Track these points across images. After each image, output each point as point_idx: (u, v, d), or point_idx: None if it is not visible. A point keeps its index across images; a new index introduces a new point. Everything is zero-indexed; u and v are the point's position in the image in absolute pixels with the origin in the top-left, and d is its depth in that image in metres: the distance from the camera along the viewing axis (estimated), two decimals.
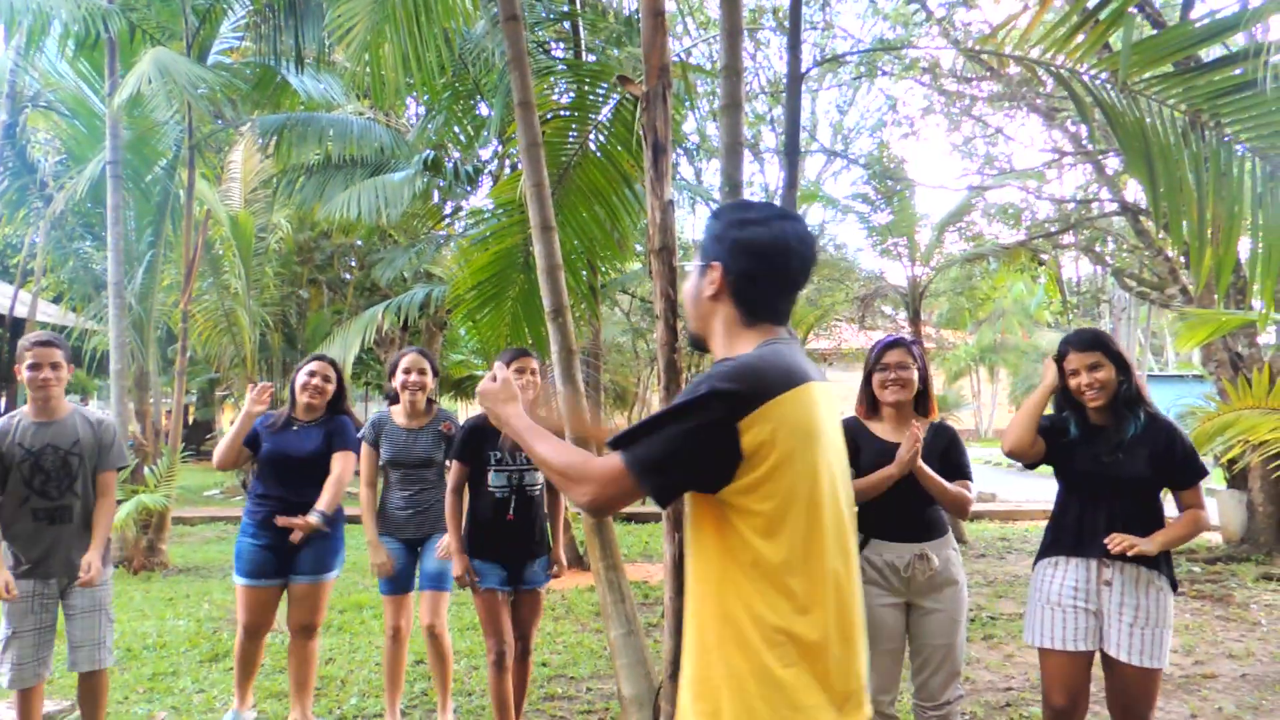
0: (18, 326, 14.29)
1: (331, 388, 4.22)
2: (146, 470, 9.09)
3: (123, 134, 8.95)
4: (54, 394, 3.62)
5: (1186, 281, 10.47)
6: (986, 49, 6.61)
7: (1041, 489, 16.36)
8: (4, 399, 14.82)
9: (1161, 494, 3.15)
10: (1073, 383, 3.16)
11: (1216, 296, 8.45)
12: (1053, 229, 13.41)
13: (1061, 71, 3.98)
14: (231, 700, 4.48)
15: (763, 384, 1.60)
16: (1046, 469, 3.27)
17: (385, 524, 4.21)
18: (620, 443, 1.61)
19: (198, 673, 5.30)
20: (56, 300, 14.47)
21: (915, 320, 11.91)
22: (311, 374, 4.18)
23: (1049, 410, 3.29)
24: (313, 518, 3.93)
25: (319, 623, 4.24)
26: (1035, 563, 3.32)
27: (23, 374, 3.58)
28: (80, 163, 10.28)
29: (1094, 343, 3.16)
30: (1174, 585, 3.08)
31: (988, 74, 12.01)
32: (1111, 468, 3.09)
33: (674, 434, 1.58)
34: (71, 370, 3.71)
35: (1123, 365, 3.12)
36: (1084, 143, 11.61)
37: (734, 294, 1.74)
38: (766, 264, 1.74)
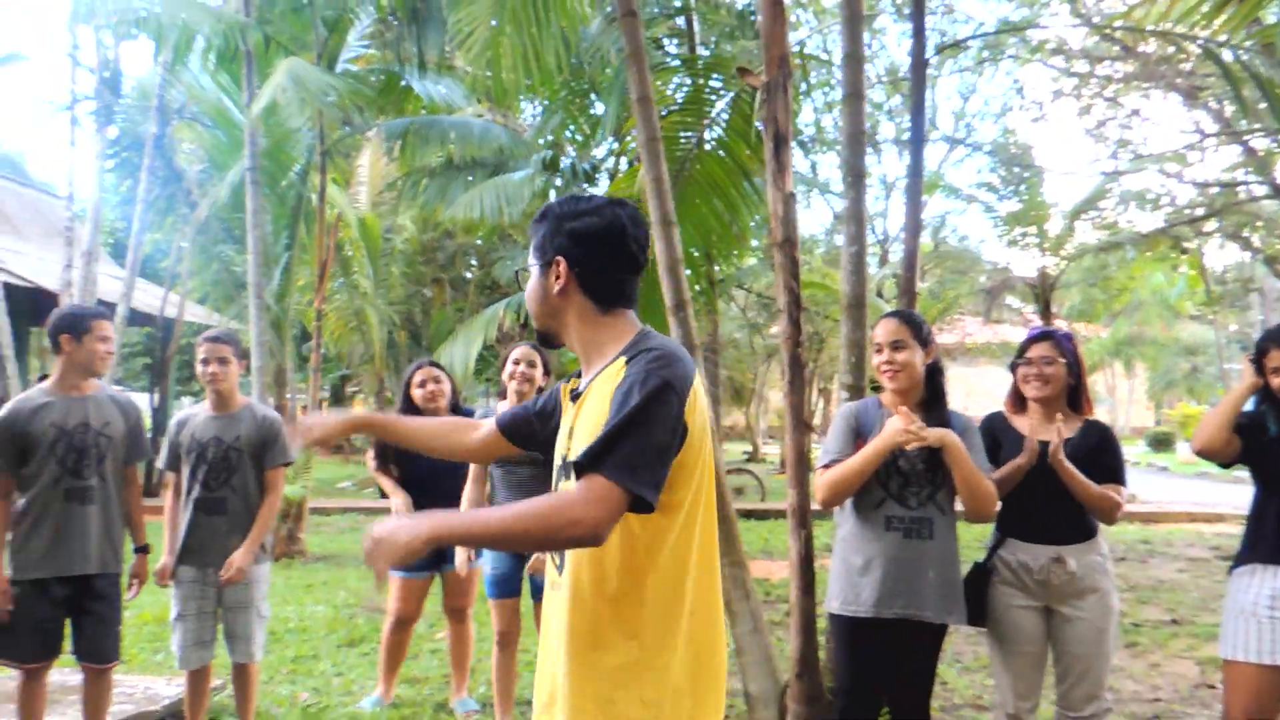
0: (168, 327, 15.18)
1: (445, 388, 4.28)
2: None
3: (260, 142, 9.38)
4: (222, 388, 3.77)
5: None
6: (1127, 26, 6.27)
7: (1185, 490, 15.52)
8: (158, 395, 15.75)
9: None
10: (1275, 381, 2.94)
11: None
12: (1196, 215, 12.66)
13: (1211, 46, 3.73)
14: (371, 686, 4.66)
15: (689, 371, 1.68)
16: (1188, 468, 3.07)
17: None
18: (593, 462, 1.54)
19: (336, 656, 5.52)
20: (201, 301, 15.33)
21: (1046, 313, 11.43)
22: (422, 384, 4.24)
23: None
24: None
25: (469, 605, 4.46)
26: (1231, 570, 3.11)
27: (199, 368, 3.78)
28: (222, 170, 10.85)
29: None
30: None
31: (1122, 53, 11.41)
32: None
33: (649, 433, 1.57)
34: (243, 367, 3.88)
35: None
36: (1230, 122, 10.91)
37: (582, 285, 1.76)
38: (607, 249, 1.76)
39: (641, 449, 1.56)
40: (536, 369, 4.11)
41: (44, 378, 3.61)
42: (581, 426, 1.72)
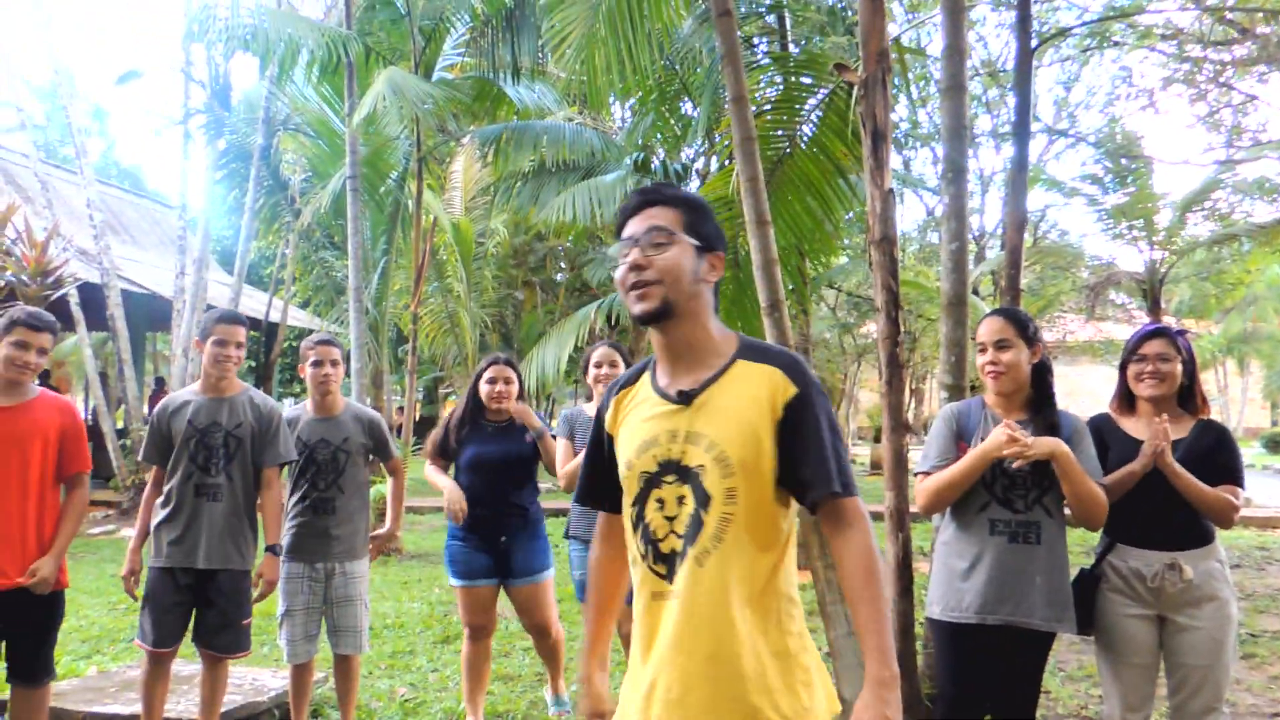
0: (272, 331, 15.77)
1: (514, 389, 4.15)
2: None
3: (360, 150, 9.68)
4: (332, 390, 3.94)
5: None
6: (1245, 8, 5.98)
7: None
8: None
9: None
10: None
11: None
12: None
13: None
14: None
15: None
16: None
17: (576, 526, 4.10)
18: (849, 489, 1.71)
19: (432, 653, 5.64)
20: (303, 306, 15.87)
21: (1155, 309, 10.99)
22: (492, 380, 4.10)
23: None
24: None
25: (551, 620, 4.19)
26: None
27: (306, 371, 3.92)
28: (323, 179, 11.23)
29: None
30: None
31: (1238, 36, 10.88)
32: None
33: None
34: (344, 370, 4.03)
35: None
36: None
37: (715, 284, 1.86)
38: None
39: (845, 456, 1.75)
40: (619, 368, 4.09)
41: (160, 381, 3.80)
42: (714, 428, 1.72)
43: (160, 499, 3.65)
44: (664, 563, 1.74)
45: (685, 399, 1.77)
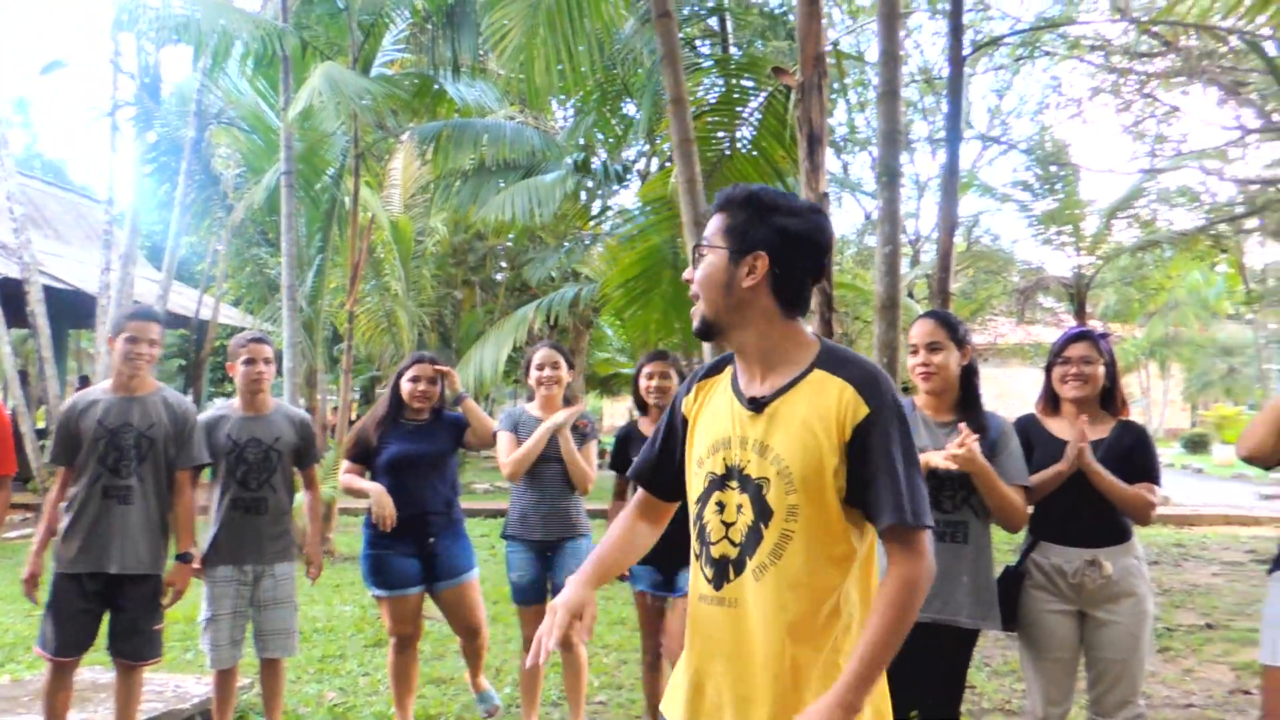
0: (202, 329, 15.40)
1: (437, 390, 4.09)
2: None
3: (295, 146, 9.49)
4: (264, 389, 3.87)
5: None
6: (1169, 20, 6.18)
7: (1221, 493, 15.26)
8: (192, 396, 15.97)
9: None
10: None
11: None
12: (1236, 213, 12.45)
13: (1256, 39, 3.67)
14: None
15: None
16: (1224, 470, 3.00)
17: (514, 526, 4.05)
18: (919, 519, 1.62)
19: (363, 656, 5.57)
20: (235, 304, 15.52)
21: (1081, 313, 11.29)
22: (414, 380, 4.02)
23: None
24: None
25: (481, 621, 4.16)
26: (1270, 573, 3.05)
27: (237, 369, 3.81)
28: (257, 174, 10.99)
29: None
30: None
31: (1162, 49, 11.25)
32: None
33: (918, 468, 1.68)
34: (275, 370, 3.94)
35: None
36: (1273, 117, 10.72)
37: (774, 285, 1.70)
38: (807, 254, 1.71)
39: (923, 488, 1.65)
40: (561, 369, 4.08)
41: (84, 379, 3.67)
42: (781, 440, 1.67)
43: (65, 503, 3.53)
44: (713, 567, 1.75)
45: (756, 407, 1.71)
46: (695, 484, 1.81)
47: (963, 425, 2.75)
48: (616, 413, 31.94)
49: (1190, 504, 13.74)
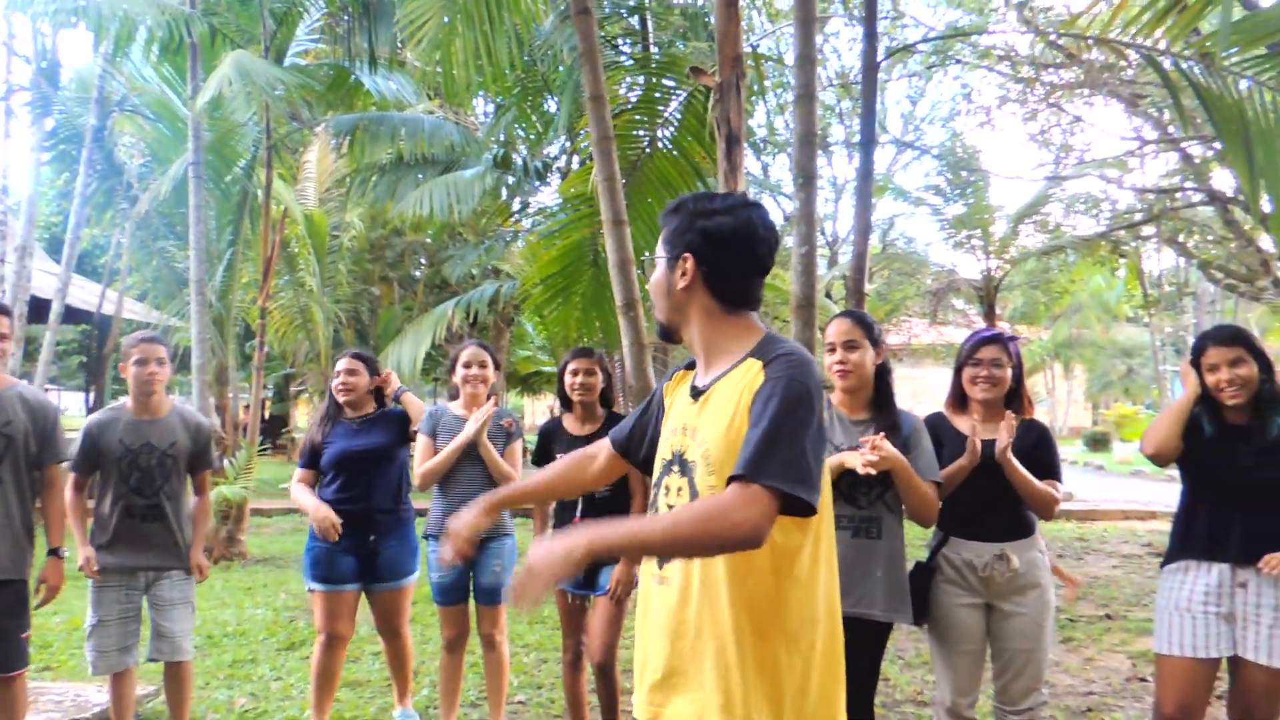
0: (105, 324, 14.82)
1: (360, 380, 4.06)
2: (226, 463, 9.33)
3: (204, 136, 9.20)
4: (157, 390, 3.70)
5: (1279, 273, 10.05)
6: (1072, 33, 6.41)
7: (1120, 488, 15.91)
8: (92, 394, 15.36)
9: None
10: (1210, 379, 3.00)
11: None
12: (1135, 220, 12.98)
13: (1153, 54, 3.83)
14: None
15: (820, 378, 1.70)
16: (1123, 467, 3.13)
17: (436, 526, 3.98)
18: (752, 470, 1.54)
19: (275, 660, 5.42)
20: (140, 298, 14.96)
21: (990, 315, 11.62)
22: (337, 374, 4.04)
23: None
24: None
25: (403, 624, 4.16)
26: (1163, 566, 3.18)
27: (129, 370, 3.65)
28: (164, 164, 10.62)
29: (1236, 338, 3.01)
30: None
31: (1066, 60, 11.66)
32: (1248, 471, 2.93)
33: (798, 436, 1.59)
34: (171, 369, 3.79)
35: (1265, 363, 2.96)
36: (1169, 129, 11.20)
37: (708, 284, 1.77)
38: (737, 250, 1.76)
39: (796, 453, 1.57)
40: (488, 369, 4.06)
41: None
42: (706, 425, 1.73)
43: None
44: None
45: (695, 395, 1.80)
46: (655, 471, 1.89)
47: (867, 439, 2.79)
48: (538, 410, 31.75)
49: (1092, 499, 14.29)
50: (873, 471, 2.72)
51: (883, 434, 2.79)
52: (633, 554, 1.63)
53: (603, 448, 2.10)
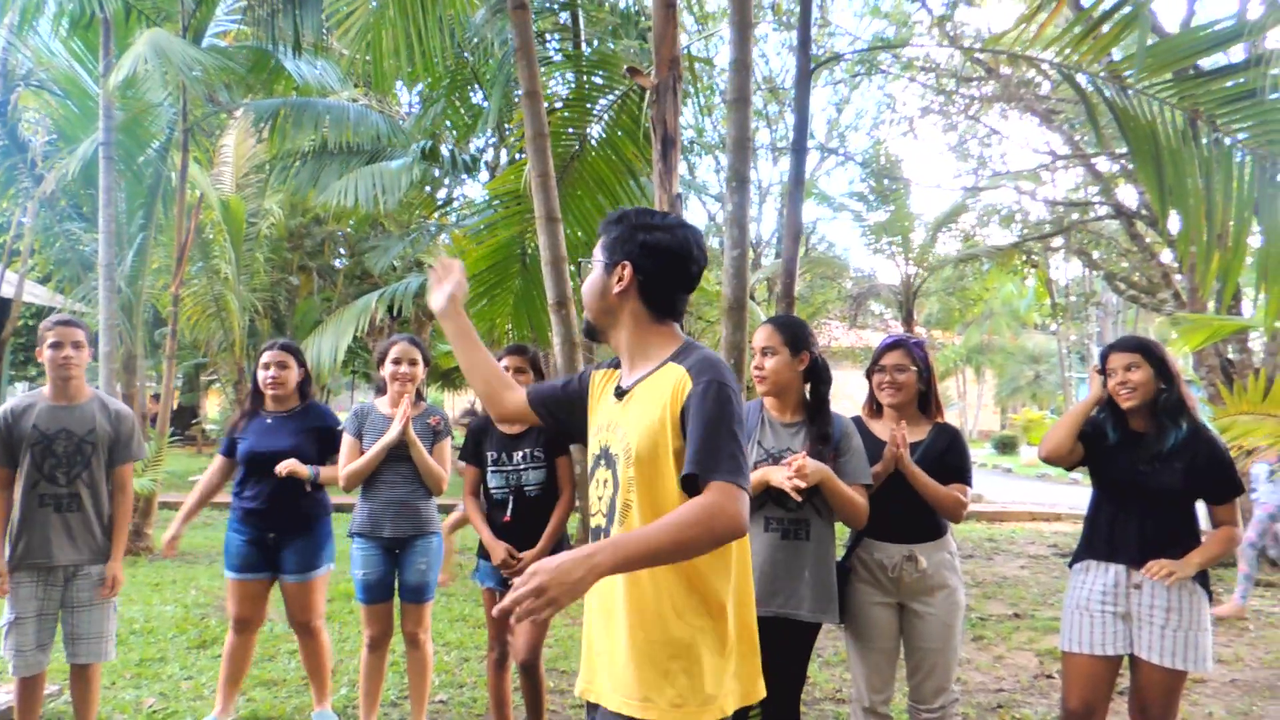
0: (4, 307, 14.14)
1: (291, 375, 4.02)
2: None
3: (116, 115, 8.84)
4: (74, 375, 3.54)
5: (1179, 286, 10.52)
6: (994, 49, 6.60)
7: (1027, 491, 16.44)
8: None
9: (1196, 505, 3.13)
10: (1110, 383, 3.15)
11: (1210, 302, 8.49)
12: (1046, 231, 13.44)
13: (1072, 74, 3.97)
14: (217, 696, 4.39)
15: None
16: (1030, 470, 3.25)
17: (361, 524, 3.95)
18: (708, 471, 1.71)
19: (186, 659, 5.26)
20: (43, 281, 14.32)
21: (909, 320, 11.90)
22: (265, 366, 4.00)
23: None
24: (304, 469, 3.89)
25: (315, 618, 4.10)
26: (1070, 566, 3.31)
27: (44, 354, 3.50)
28: (71, 143, 10.16)
29: (1135, 346, 3.15)
30: (1208, 589, 3.06)
31: (985, 75, 12.02)
32: (1146, 477, 3.07)
33: (740, 433, 1.77)
34: (90, 354, 3.65)
35: (1165, 373, 3.09)
36: (1079, 144, 11.64)
37: (641, 292, 1.93)
38: (671, 265, 1.93)
39: (736, 448, 1.74)
40: (417, 365, 4.01)
41: None
42: (629, 422, 1.89)
43: None
44: (592, 535, 1.96)
45: (620, 394, 1.96)
46: (589, 465, 2.03)
47: (790, 459, 2.83)
48: (458, 406, 31.40)
49: (1000, 501, 14.74)
50: (798, 497, 2.77)
51: (804, 454, 2.83)
52: (645, 564, 1.70)
53: (519, 391, 2.23)
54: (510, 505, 3.71)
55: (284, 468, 3.84)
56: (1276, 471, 7.02)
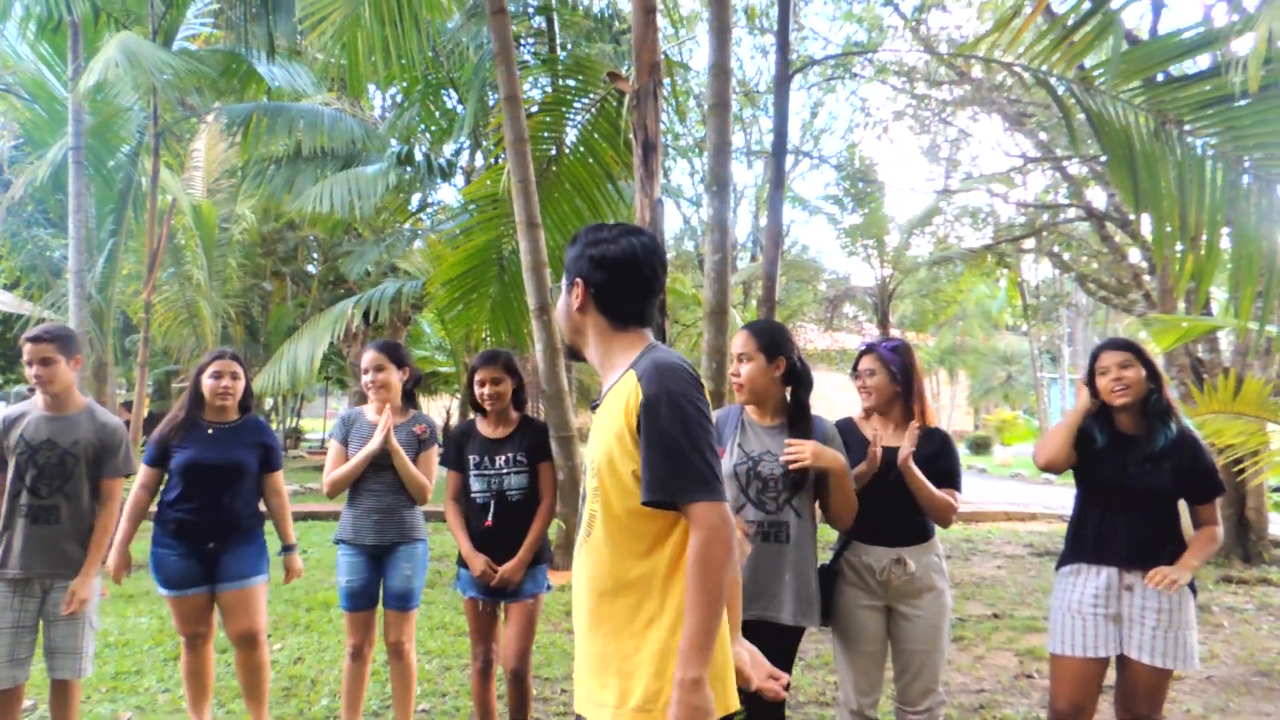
0: None
1: (240, 386, 3.92)
2: None
3: (85, 119, 8.73)
4: (53, 389, 3.49)
5: (1149, 286, 10.65)
6: (969, 55, 6.66)
7: (1001, 490, 16.58)
8: None
9: (1179, 505, 3.17)
10: (1101, 383, 3.18)
11: (1180, 303, 8.60)
12: (1018, 233, 13.57)
13: (1046, 79, 4.01)
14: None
15: (690, 373, 1.88)
16: (1003, 470, 3.27)
17: (346, 531, 3.92)
18: (678, 494, 1.76)
19: (162, 671, 5.18)
20: (10, 287, 14.12)
21: (884, 322, 11.95)
22: (218, 375, 3.85)
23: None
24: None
25: (259, 629, 3.91)
26: (1057, 569, 3.33)
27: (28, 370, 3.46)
28: (39, 147, 10.03)
29: (1126, 346, 3.21)
30: (1193, 587, 3.11)
31: (957, 78, 12.12)
32: (1136, 478, 3.11)
33: (699, 443, 1.78)
34: (78, 363, 3.57)
35: (1154, 374, 3.14)
36: (1049, 147, 11.76)
37: (598, 304, 1.98)
38: (620, 274, 1.96)
39: (700, 461, 1.77)
40: (386, 371, 3.94)
41: None
42: (595, 433, 1.94)
43: None
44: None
45: (594, 407, 2.03)
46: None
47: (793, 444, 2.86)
48: (433, 411, 31.22)
49: (976, 501, 14.82)
50: (799, 466, 2.80)
51: (780, 433, 2.88)
52: (710, 636, 1.75)
53: None
54: (491, 509, 3.69)
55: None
56: None
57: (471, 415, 3.93)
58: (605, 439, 1.87)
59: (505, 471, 3.71)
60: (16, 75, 10.13)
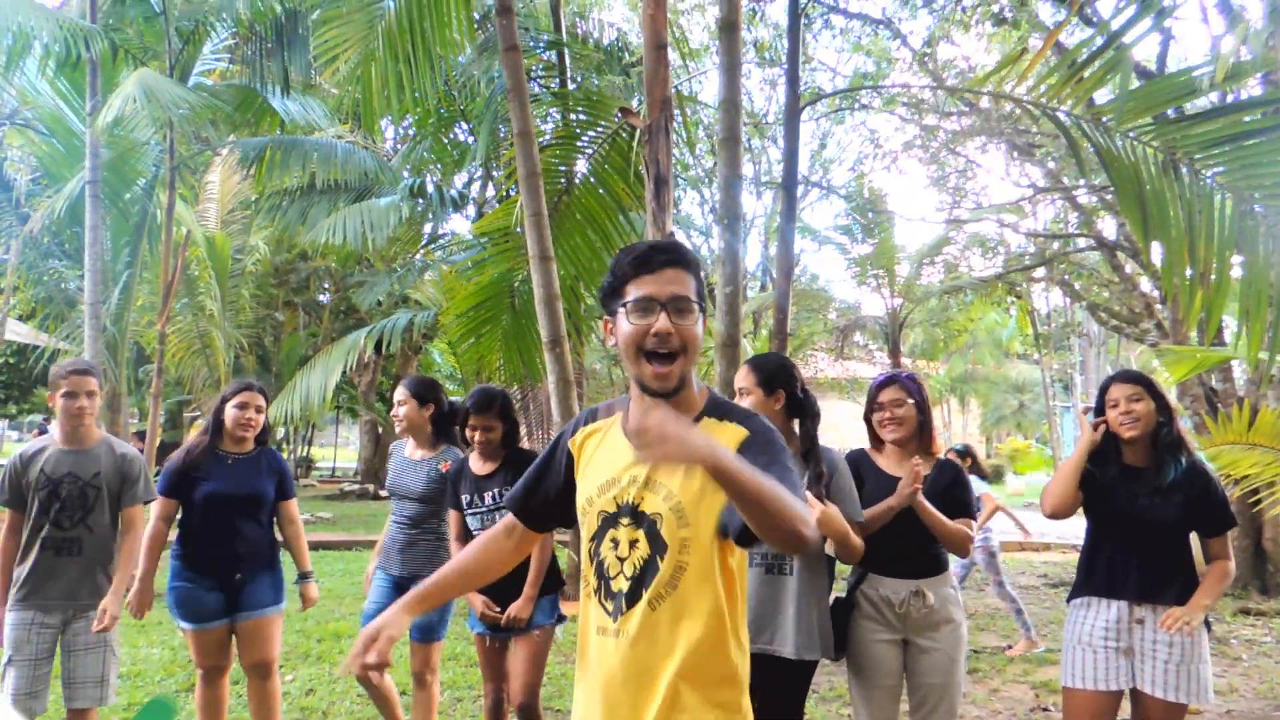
0: None
1: (262, 416, 3.96)
2: None
3: (102, 153, 8.84)
4: (86, 423, 3.56)
5: (1161, 316, 10.63)
6: (978, 90, 6.71)
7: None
8: None
9: (1190, 537, 3.15)
10: (1112, 415, 3.17)
11: (1193, 333, 8.58)
12: (1028, 263, 13.58)
13: (1055, 115, 4.04)
14: None
15: None
16: (1016, 499, 3.26)
17: (381, 557, 4.05)
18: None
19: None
20: (25, 319, 14.24)
21: (895, 351, 11.95)
22: (243, 406, 3.88)
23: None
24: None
25: (272, 659, 3.96)
26: (1068, 601, 3.31)
27: (57, 401, 3.49)
28: (56, 181, 10.15)
29: (1137, 379, 3.20)
30: (1206, 620, 3.08)
31: (966, 109, 12.19)
32: (1147, 511, 3.09)
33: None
34: (101, 396, 3.63)
35: (1164, 407, 3.13)
36: (1060, 179, 11.80)
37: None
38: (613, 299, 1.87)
39: (800, 494, 1.64)
40: (405, 405, 4.03)
41: None
42: (677, 481, 1.75)
43: None
44: (611, 600, 1.80)
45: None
46: (589, 523, 1.87)
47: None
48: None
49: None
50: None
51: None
52: (742, 486, 1.46)
53: (508, 520, 2.08)
54: (479, 516, 3.71)
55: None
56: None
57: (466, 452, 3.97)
58: (700, 487, 1.73)
59: (494, 507, 3.71)
60: (35, 111, 10.28)
